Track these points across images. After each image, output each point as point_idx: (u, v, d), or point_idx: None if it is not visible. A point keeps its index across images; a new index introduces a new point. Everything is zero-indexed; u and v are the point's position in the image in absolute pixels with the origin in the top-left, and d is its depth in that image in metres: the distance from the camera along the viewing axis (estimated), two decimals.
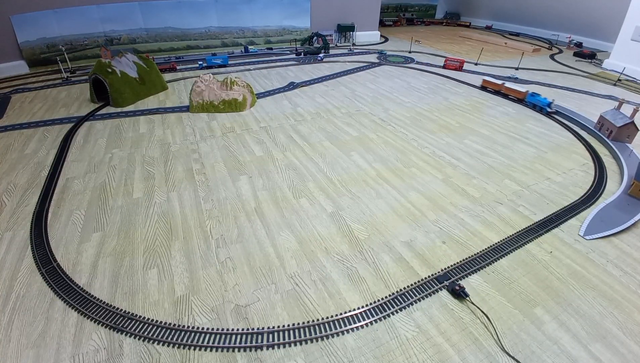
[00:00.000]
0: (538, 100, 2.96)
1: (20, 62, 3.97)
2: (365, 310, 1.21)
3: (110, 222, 1.62)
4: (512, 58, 4.76)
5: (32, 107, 2.96)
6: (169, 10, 4.48)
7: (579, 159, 2.22)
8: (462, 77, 3.91)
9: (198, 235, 1.55)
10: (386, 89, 3.46)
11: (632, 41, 4.08)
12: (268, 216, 1.67)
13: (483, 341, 1.11)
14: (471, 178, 2.00)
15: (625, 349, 1.10)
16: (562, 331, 1.15)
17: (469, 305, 1.23)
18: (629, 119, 2.32)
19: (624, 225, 1.60)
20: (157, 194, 1.82)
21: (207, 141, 2.39)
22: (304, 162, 2.14)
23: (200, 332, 1.13)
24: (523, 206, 1.77)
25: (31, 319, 1.17)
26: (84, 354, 1.06)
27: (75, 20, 4.08)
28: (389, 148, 2.34)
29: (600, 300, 1.26)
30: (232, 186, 1.90)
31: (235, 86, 2.90)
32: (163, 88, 3.38)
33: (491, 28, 7.29)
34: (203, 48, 4.85)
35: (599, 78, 3.98)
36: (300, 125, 2.65)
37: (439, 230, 1.59)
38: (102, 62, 2.92)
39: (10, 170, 2.04)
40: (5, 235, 1.54)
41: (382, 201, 1.78)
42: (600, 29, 5.55)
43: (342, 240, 1.53)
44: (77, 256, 1.43)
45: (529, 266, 1.40)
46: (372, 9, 5.62)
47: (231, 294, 1.26)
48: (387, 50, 5.11)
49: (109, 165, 2.09)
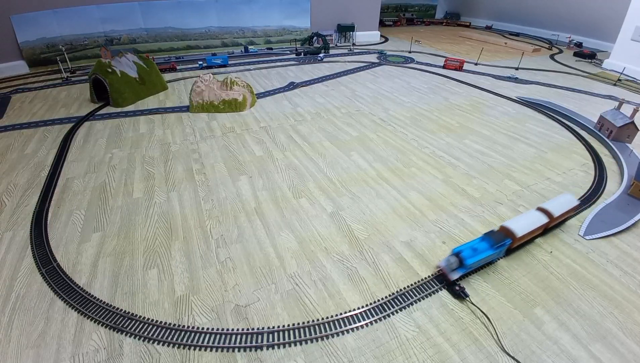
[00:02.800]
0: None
1: (20, 62, 3.98)
2: (365, 310, 1.21)
3: (110, 222, 1.62)
4: (512, 58, 4.76)
5: (32, 107, 2.96)
6: (169, 10, 4.48)
7: (579, 159, 2.22)
8: (462, 77, 3.91)
9: (198, 235, 1.55)
10: (386, 89, 3.46)
11: (632, 41, 4.08)
12: (268, 216, 1.67)
13: (483, 341, 1.11)
14: (471, 178, 2.00)
15: (625, 349, 1.10)
16: (562, 331, 1.15)
17: (469, 305, 1.23)
18: (629, 119, 2.32)
19: (624, 225, 1.60)
20: (157, 194, 1.82)
21: (207, 141, 2.39)
22: (304, 162, 2.14)
23: (200, 332, 1.12)
24: (523, 206, 1.77)
25: (31, 319, 1.17)
26: (84, 354, 1.06)
27: (75, 20, 4.08)
28: (389, 147, 2.34)
29: (600, 300, 1.26)
30: (232, 186, 1.90)
31: (235, 86, 2.90)
32: (163, 88, 3.38)
33: (491, 28, 7.29)
34: (203, 48, 4.85)
35: (599, 78, 3.98)
36: (300, 125, 2.65)
37: (439, 230, 1.59)
38: (102, 62, 2.92)
39: (10, 170, 2.04)
40: (5, 235, 1.54)
41: (382, 201, 1.78)
42: (600, 29, 5.55)
43: (342, 240, 1.53)
44: (77, 256, 1.43)
45: (529, 266, 1.40)
46: (372, 9, 5.62)
47: (231, 294, 1.26)
48: (387, 50, 5.11)
49: (109, 165, 2.09)
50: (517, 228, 1.39)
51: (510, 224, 1.40)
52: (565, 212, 1.54)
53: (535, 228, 1.44)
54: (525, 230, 1.41)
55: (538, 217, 1.48)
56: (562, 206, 1.54)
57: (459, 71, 4.14)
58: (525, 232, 1.40)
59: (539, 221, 1.46)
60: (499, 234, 1.37)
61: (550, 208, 1.50)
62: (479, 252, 1.31)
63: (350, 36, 5.46)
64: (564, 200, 1.57)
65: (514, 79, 3.84)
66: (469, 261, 1.28)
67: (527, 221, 1.45)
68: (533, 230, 1.44)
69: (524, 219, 1.46)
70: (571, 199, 1.59)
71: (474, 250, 1.31)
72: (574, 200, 1.58)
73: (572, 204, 1.57)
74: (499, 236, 1.36)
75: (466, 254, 1.29)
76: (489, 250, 1.32)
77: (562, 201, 1.56)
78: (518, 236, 1.38)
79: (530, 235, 1.45)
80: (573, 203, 1.58)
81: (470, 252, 1.30)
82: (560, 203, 1.55)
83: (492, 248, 1.33)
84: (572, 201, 1.58)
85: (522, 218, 1.47)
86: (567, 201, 1.57)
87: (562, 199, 1.58)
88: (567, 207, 1.55)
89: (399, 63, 4.45)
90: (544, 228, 1.50)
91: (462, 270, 1.30)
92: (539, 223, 1.46)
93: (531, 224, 1.44)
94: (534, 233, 1.47)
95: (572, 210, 1.58)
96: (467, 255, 1.29)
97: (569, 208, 1.55)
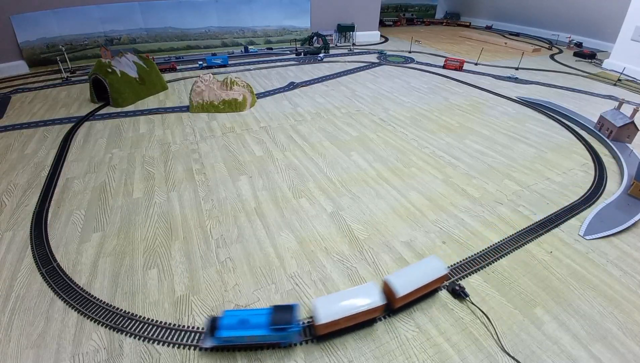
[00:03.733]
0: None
1: (20, 62, 3.98)
2: None
3: (110, 222, 1.62)
4: (512, 58, 4.76)
5: (32, 107, 2.95)
6: (169, 10, 4.48)
7: (579, 159, 2.22)
8: (462, 77, 3.91)
9: (198, 235, 1.55)
10: (386, 89, 3.46)
11: (632, 41, 4.08)
12: (268, 216, 1.67)
13: (483, 341, 1.11)
14: (471, 178, 2.00)
15: (625, 349, 1.10)
16: (562, 331, 1.15)
17: (469, 305, 1.23)
18: (629, 119, 2.32)
19: (624, 225, 1.60)
20: (157, 194, 1.82)
21: (207, 141, 2.39)
22: (304, 162, 2.14)
23: (201, 332, 1.12)
24: (523, 206, 1.77)
25: (31, 319, 1.17)
26: (84, 354, 1.06)
27: (75, 20, 4.08)
28: (389, 147, 2.34)
29: (600, 300, 1.26)
30: (232, 186, 1.90)
31: (235, 86, 2.90)
32: (163, 88, 3.38)
33: (491, 28, 7.29)
34: (203, 48, 4.85)
35: (599, 78, 3.98)
36: (300, 125, 2.65)
37: (439, 230, 1.59)
38: (102, 62, 2.92)
39: (10, 170, 2.04)
40: (5, 235, 1.54)
41: (382, 201, 1.78)
42: (600, 29, 5.55)
43: (342, 240, 1.53)
44: (77, 256, 1.43)
45: (529, 266, 1.40)
46: (372, 9, 5.62)
47: (231, 294, 1.26)
48: (387, 50, 5.11)
49: (109, 165, 2.09)
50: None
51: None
52: (425, 285, 1.19)
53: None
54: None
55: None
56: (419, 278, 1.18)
57: (459, 71, 4.14)
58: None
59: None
60: (286, 314, 1.05)
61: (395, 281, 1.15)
62: (246, 327, 1.02)
63: (350, 36, 5.46)
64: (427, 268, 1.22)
65: (514, 79, 3.84)
66: (224, 333, 1.02)
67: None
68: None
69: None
70: (439, 266, 1.23)
71: (241, 322, 1.03)
72: (442, 268, 1.22)
73: (438, 273, 1.21)
74: (285, 317, 1.04)
75: (226, 323, 1.03)
76: (261, 329, 1.02)
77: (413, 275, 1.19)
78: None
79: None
80: (440, 271, 1.21)
81: (235, 323, 1.03)
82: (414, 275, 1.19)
83: (267, 328, 1.02)
84: (439, 268, 1.22)
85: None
86: (433, 269, 1.21)
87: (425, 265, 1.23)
88: (430, 278, 1.19)
89: (399, 63, 4.44)
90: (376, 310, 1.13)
91: (215, 340, 1.03)
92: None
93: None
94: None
95: (438, 281, 1.22)
96: (226, 324, 1.03)
97: (432, 278, 1.19)
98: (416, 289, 1.17)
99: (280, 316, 1.04)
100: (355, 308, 1.08)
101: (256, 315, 1.06)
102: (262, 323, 1.03)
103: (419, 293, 1.20)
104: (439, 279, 1.22)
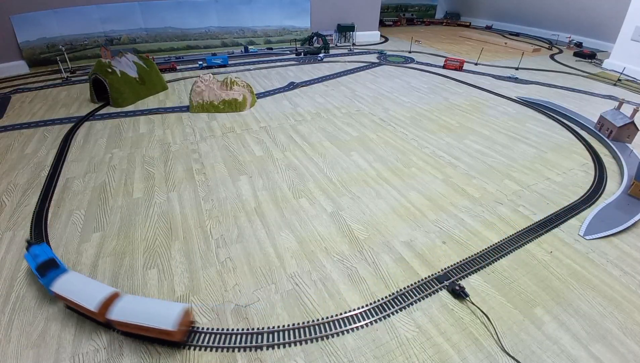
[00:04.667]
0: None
1: (20, 62, 3.98)
2: (365, 310, 1.21)
3: (110, 222, 1.62)
4: (512, 58, 4.76)
5: (32, 107, 2.96)
6: (169, 10, 4.48)
7: (579, 159, 2.22)
8: (462, 77, 3.91)
9: (198, 235, 1.55)
10: (386, 89, 3.46)
11: (632, 41, 4.08)
12: (268, 216, 1.67)
13: (483, 341, 1.11)
14: (471, 178, 2.00)
15: (625, 349, 1.10)
16: (562, 331, 1.15)
17: (469, 305, 1.23)
18: (629, 119, 2.32)
19: (624, 225, 1.60)
20: (157, 194, 1.82)
21: (207, 141, 2.39)
22: (304, 162, 2.14)
23: (200, 332, 1.13)
24: (523, 206, 1.77)
25: (31, 319, 1.17)
26: (84, 354, 1.06)
27: (75, 20, 4.08)
28: (389, 147, 2.34)
29: (600, 300, 1.26)
30: (232, 186, 1.90)
31: (235, 86, 2.90)
32: (163, 88, 3.38)
33: (491, 28, 7.29)
34: (203, 48, 4.85)
35: (599, 78, 3.98)
36: (300, 125, 2.65)
37: (439, 230, 1.59)
38: (102, 62, 2.92)
39: (10, 170, 2.04)
40: (5, 235, 1.54)
41: (382, 201, 1.78)
42: (600, 29, 5.55)
43: (342, 240, 1.53)
44: (77, 256, 1.43)
45: (529, 266, 1.40)
46: (372, 9, 5.61)
47: (231, 294, 1.26)
48: (387, 50, 5.11)
49: (109, 165, 2.09)
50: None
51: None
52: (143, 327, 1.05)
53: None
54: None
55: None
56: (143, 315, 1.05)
57: (459, 71, 4.14)
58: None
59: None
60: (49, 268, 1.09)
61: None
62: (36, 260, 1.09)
63: (350, 36, 5.46)
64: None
65: (514, 79, 3.84)
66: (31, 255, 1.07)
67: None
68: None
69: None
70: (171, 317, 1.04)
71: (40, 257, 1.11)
72: (170, 322, 1.03)
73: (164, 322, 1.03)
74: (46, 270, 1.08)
75: (38, 252, 1.10)
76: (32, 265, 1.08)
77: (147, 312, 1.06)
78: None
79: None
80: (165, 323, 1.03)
81: (39, 255, 1.10)
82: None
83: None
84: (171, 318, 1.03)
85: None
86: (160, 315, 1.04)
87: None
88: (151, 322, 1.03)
89: (399, 63, 4.44)
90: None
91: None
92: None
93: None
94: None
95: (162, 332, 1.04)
96: (37, 253, 1.10)
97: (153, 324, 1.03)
98: (134, 323, 1.04)
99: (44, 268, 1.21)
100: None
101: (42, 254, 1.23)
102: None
103: (137, 330, 1.06)
104: (161, 330, 1.02)
